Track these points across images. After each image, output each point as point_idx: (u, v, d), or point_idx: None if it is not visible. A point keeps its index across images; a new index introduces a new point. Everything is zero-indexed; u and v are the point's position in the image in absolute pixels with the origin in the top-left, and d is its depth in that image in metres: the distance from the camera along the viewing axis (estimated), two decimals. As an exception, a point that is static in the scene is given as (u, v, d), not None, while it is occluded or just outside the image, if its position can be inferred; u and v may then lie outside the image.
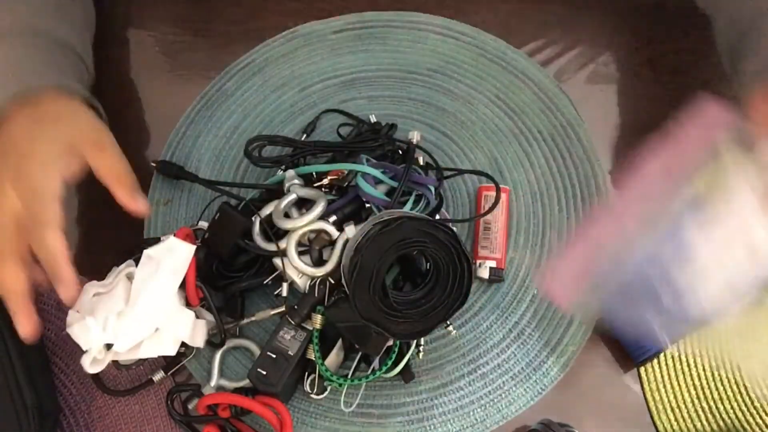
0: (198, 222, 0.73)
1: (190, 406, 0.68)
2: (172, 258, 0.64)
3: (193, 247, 0.65)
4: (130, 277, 0.64)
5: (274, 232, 0.67)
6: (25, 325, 0.59)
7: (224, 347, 0.69)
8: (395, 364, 0.66)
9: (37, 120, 0.61)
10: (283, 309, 0.68)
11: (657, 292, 0.55)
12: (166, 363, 0.70)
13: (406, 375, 0.68)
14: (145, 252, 0.63)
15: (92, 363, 0.63)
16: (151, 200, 0.76)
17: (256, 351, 0.69)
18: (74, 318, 0.62)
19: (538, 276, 0.61)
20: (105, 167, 0.62)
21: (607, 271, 0.56)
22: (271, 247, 0.67)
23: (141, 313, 0.62)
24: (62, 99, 0.64)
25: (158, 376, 0.69)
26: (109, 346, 0.63)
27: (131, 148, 0.78)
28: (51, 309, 0.73)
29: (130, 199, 0.62)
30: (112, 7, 0.85)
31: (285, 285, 0.68)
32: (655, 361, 0.68)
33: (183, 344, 0.69)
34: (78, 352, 0.68)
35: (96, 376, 0.70)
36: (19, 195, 0.59)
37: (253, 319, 0.69)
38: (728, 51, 0.67)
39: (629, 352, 0.68)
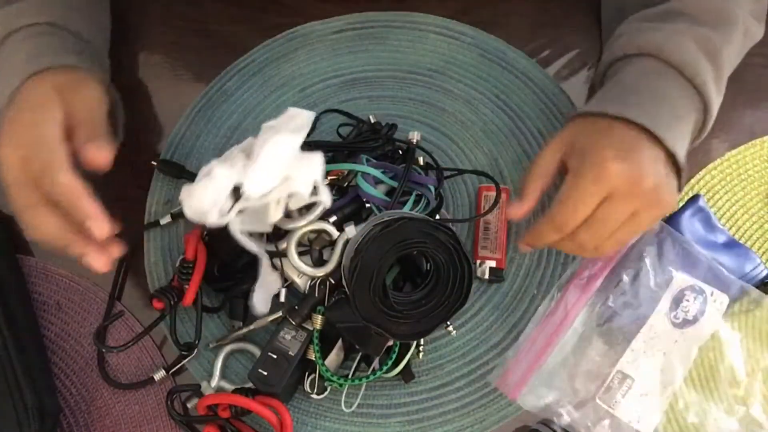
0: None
1: (190, 407, 0.68)
2: (293, 122, 0.64)
3: (313, 114, 0.65)
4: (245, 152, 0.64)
5: (274, 233, 0.67)
6: (96, 258, 0.59)
7: (227, 349, 0.70)
8: (395, 364, 0.66)
9: (41, 82, 0.62)
10: (280, 314, 0.68)
11: None
12: (168, 363, 0.70)
13: (407, 375, 0.68)
14: (265, 124, 0.64)
15: (220, 216, 0.61)
16: (151, 199, 0.76)
17: (257, 353, 0.69)
18: (193, 184, 0.62)
19: (493, 375, 0.69)
20: (81, 112, 0.61)
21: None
22: (271, 247, 0.67)
23: (266, 163, 0.61)
24: (74, 71, 0.64)
25: (159, 375, 0.69)
26: (236, 198, 0.62)
27: (132, 147, 0.79)
28: (51, 309, 0.73)
29: (93, 147, 0.60)
30: (112, 8, 0.85)
31: (283, 290, 0.69)
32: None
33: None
34: (76, 351, 0.68)
35: (102, 367, 0.70)
36: (21, 146, 0.58)
37: (251, 327, 0.69)
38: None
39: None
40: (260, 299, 0.65)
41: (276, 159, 0.62)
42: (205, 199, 0.61)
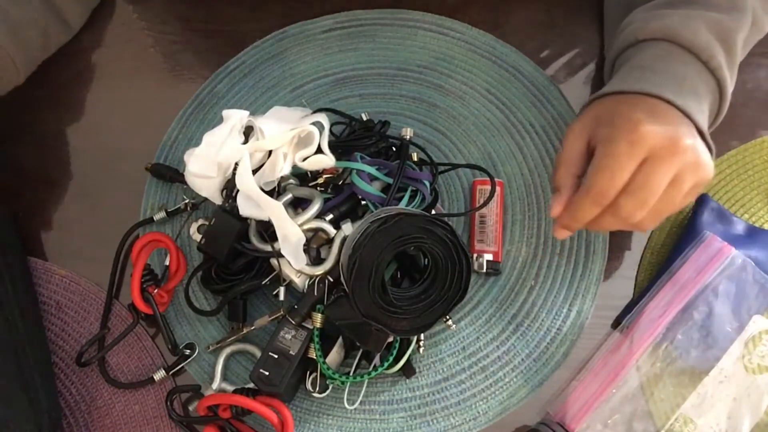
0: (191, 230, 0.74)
1: (191, 408, 0.68)
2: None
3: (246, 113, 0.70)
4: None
5: (271, 233, 0.67)
6: None
7: (227, 351, 0.70)
8: (396, 360, 0.66)
9: None
10: (281, 314, 0.68)
11: None
12: (169, 363, 0.70)
13: (408, 370, 0.68)
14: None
15: (230, 156, 0.67)
16: (145, 203, 0.76)
17: (257, 353, 0.69)
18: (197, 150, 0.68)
19: (551, 403, 0.67)
20: None
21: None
22: (268, 248, 0.67)
23: (275, 115, 0.71)
24: None
25: (159, 375, 0.69)
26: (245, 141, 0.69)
27: (127, 149, 0.79)
28: (51, 309, 0.73)
29: None
30: (111, 7, 0.85)
31: (282, 289, 0.69)
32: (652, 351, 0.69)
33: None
34: (76, 351, 0.69)
35: (102, 367, 0.70)
36: None
37: (252, 328, 0.69)
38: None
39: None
40: (290, 253, 0.65)
41: (284, 113, 0.71)
42: (216, 139, 0.67)
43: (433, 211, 0.70)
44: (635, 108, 0.58)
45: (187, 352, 0.69)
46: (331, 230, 0.67)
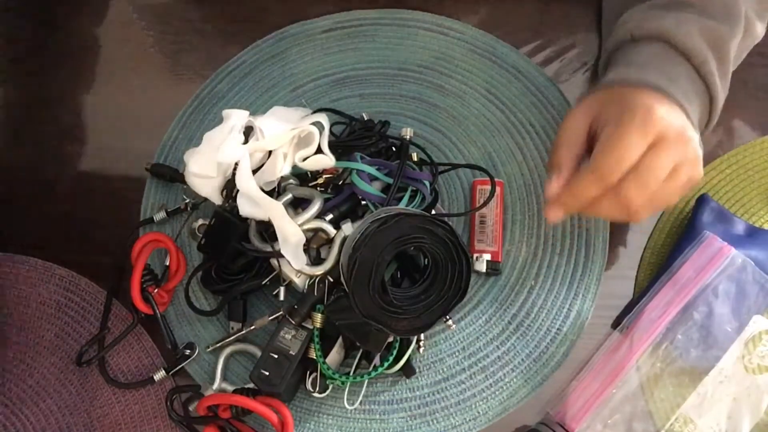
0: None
1: (191, 408, 0.68)
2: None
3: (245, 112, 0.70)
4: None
5: (271, 233, 0.67)
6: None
7: (227, 351, 0.70)
8: (396, 360, 0.66)
9: None
10: (281, 314, 0.68)
11: None
12: (168, 363, 0.70)
13: (408, 370, 0.68)
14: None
15: (230, 155, 0.66)
16: (146, 203, 0.76)
17: (257, 353, 0.69)
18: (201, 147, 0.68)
19: (551, 403, 0.67)
20: None
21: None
22: (268, 248, 0.67)
23: (276, 114, 0.71)
24: None
25: (159, 375, 0.69)
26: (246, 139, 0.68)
27: (127, 149, 0.79)
28: (51, 310, 0.73)
29: None
30: (111, 7, 0.85)
31: (282, 289, 0.69)
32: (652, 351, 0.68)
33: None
34: (75, 351, 0.68)
35: (102, 367, 0.70)
36: None
37: (252, 328, 0.69)
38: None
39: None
40: (290, 254, 0.65)
41: (284, 113, 0.71)
42: (216, 139, 0.67)
43: (433, 211, 0.70)
44: (645, 94, 0.57)
45: (187, 352, 0.69)
46: (331, 230, 0.67)
